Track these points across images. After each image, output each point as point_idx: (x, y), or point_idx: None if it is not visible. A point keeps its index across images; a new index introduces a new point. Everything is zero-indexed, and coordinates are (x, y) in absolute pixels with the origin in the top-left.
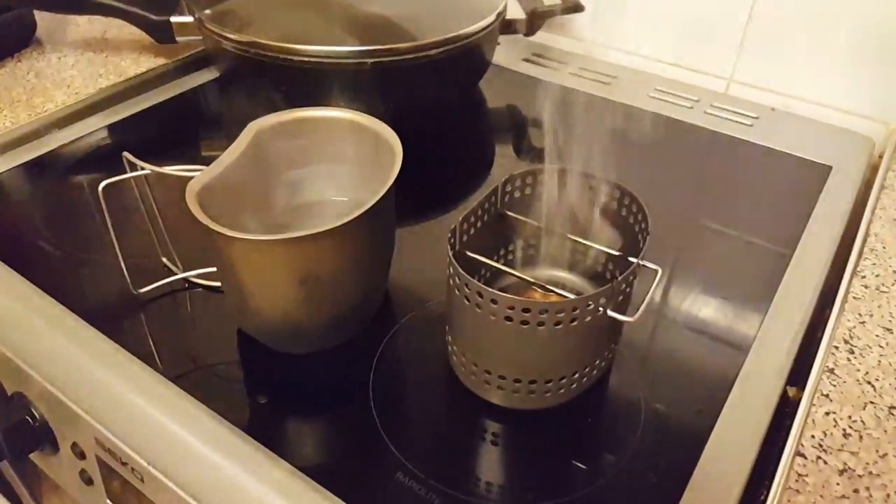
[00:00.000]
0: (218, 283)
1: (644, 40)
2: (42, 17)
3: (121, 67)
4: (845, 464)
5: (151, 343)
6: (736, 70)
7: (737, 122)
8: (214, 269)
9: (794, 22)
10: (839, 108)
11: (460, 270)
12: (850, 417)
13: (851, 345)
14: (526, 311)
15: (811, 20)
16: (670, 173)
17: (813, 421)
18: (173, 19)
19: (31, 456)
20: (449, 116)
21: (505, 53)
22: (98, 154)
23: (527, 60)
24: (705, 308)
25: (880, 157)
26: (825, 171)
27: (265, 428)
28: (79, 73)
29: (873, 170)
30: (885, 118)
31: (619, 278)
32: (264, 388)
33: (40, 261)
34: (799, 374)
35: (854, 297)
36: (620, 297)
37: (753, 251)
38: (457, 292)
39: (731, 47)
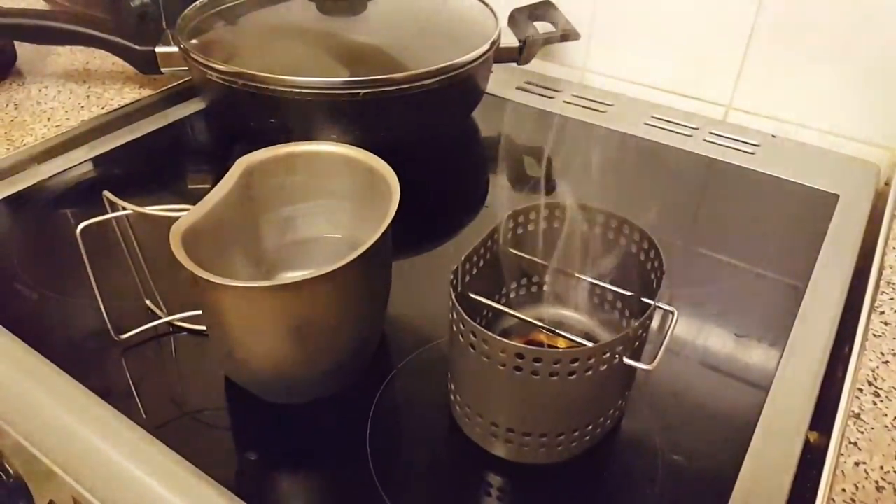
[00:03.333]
0: (205, 327)
1: (640, 67)
2: (22, 48)
3: (104, 99)
4: None
5: (134, 393)
6: (735, 97)
7: (738, 149)
8: (201, 312)
9: (793, 47)
10: (840, 134)
11: (465, 316)
12: (881, 468)
13: (876, 387)
14: (537, 360)
15: (810, 45)
16: (672, 203)
17: (842, 473)
18: (158, 50)
19: None
20: (442, 147)
21: (498, 81)
22: (80, 189)
23: (520, 89)
24: (718, 347)
25: (886, 184)
26: (832, 199)
27: (254, 486)
28: (60, 105)
29: (880, 197)
30: (889, 143)
31: (637, 324)
32: (253, 442)
33: (15, 304)
34: (818, 416)
35: (874, 335)
36: (636, 343)
37: (764, 284)
38: (460, 339)
39: (729, 73)
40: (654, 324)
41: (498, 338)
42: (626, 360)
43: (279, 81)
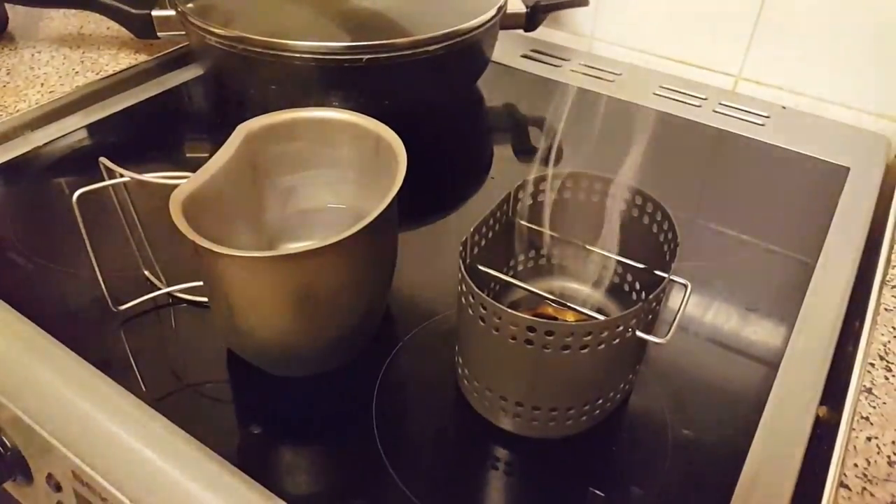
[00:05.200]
0: (206, 299)
1: (649, 35)
2: (14, 11)
3: (99, 64)
4: (893, 496)
5: (133, 365)
6: (744, 67)
7: (747, 120)
8: (202, 282)
9: (805, 17)
10: (851, 106)
11: (475, 289)
12: (893, 443)
13: (888, 361)
14: (549, 333)
15: (822, 15)
16: (680, 175)
17: (854, 447)
18: (154, 13)
19: (5, 485)
20: (445, 116)
21: (503, 49)
22: (75, 157)
23: (526, 57)
24: (728, 322)
25: None
26: (843, 172)
27: (258, 460)
28: (54, 71)
29: (891, 171)
30: None
31: (651, 297)
32: (256, 415)
33: (11, 275)
34: (828, 391)
35: (886, 309)
36: (649, 317)
37: (774, 259)
38: (470, 312)
39: (739, 43)
40: (676, 301)
41: (510, 311)
42: (639, 334)
43: (280, 46)
